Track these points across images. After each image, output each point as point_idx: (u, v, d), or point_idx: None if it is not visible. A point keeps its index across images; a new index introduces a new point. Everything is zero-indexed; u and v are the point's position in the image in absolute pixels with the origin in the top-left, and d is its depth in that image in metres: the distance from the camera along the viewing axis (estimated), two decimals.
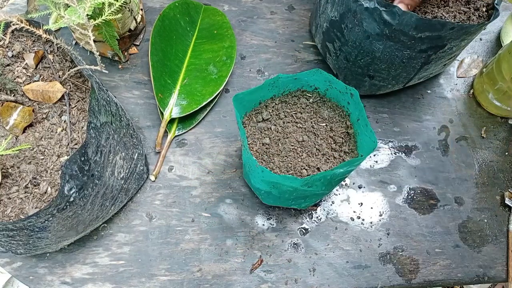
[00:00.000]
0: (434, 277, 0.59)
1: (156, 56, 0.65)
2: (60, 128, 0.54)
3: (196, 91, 0.65)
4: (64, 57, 0.56)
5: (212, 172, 0.63)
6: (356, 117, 0.51)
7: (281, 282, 0.58)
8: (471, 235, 0.63)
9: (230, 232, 0.60)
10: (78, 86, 0.56)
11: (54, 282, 0.56)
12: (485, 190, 0.66)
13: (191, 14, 0.71)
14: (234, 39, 0.70)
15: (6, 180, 0.50)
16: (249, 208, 0.61)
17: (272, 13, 0.77)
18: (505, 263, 0.61)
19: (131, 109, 0.67)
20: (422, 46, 0.55)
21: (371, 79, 0.64)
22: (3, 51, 0.54)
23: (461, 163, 0.67)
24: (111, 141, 0.50)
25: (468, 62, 0.75)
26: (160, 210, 0.60)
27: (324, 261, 0.59)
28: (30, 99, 0.54)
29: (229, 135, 0.66)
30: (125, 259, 0.57)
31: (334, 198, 0.63)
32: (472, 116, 0.71)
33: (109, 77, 0.69)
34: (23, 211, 0.49)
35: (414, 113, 0.70)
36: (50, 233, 0.46)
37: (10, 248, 0.48)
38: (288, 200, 0.54)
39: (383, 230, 0.62)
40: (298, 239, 0.60)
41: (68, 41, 0.70)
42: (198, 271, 0.57)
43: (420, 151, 0.67)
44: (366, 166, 0.66)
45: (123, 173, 0.54)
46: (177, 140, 0.65)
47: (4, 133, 0.53)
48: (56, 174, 0.51)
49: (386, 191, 0.64)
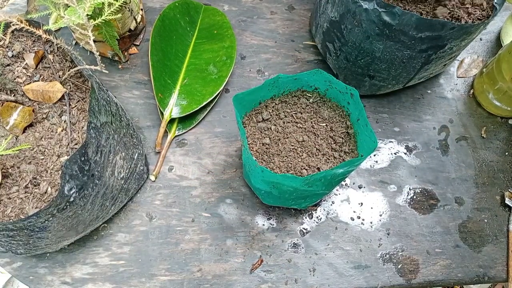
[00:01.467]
0: (434, 277, 0.59)
1: (156, 56, 0.65)
2: (60, 128, 0.54)
3: (196, 91, 0.65)
4: (64, 57, 0.56)
5: (212, 172, 0.63)
6: (356, 117, 0.51)
7: (281, 282, 0.58)
8: (471, 235, 0.63)
9: (230, 232, 0.60)
10: (78, 86, 0.56)
11: (54, 282, 0.56)
12: (485, 190, 0.66)
13: (191, 14, 0.71)
14: (234, 39, 0.70)
15: (6, 180, 0.50)
16: (249, 208, 0.61)
17: (272, 13, 0.77)
18: (505, 263, 0.61)
19: (131, 109, 0.67)
20: (422, 46, 0.55)
21: (371, 79, 0.64)
22: (3, 51, 0.54)
23: (461, 163, 0.67)
24: (111, 141, 0.50)
25: (468, 62, 0.75)
26: (160, 210, 0.60)
27: (324, 261, 0.59)
28: (30, 99, 0.54)
29: (229, 135, 0.66)
30: (125, 259, 0.57)
31: (334, 198, 0.63)
32: (472, 116, 0.71)
33: (109, 77, 0.69)
34: (23, 211, 0.49)
35: (414, 113, 0.70)
36: (50, 233, 0.46)
37: (10, 248, 0.48)
38: (288, 200, 0.54)
39: (383, 230, 0.62)
40: (298, 239, 0.60)
41: (68, 41, 0.70)
42: (198, 271, 0.57)
43: (420, 151, 0.67)
44: (366, 166, 0.66)
45: (123, 173, 0.54)
46: (177, 140, 0.65)
47: (4, 133, 0.53)
48: (56, 174, 0.51)
49: (386, 191, 0.64)
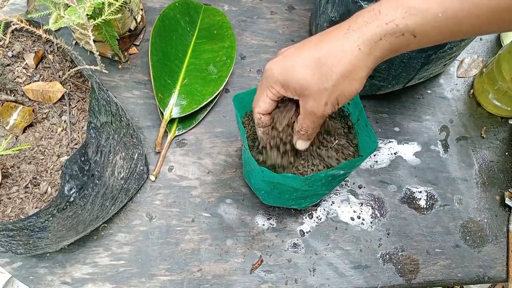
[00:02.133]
0: (434, 277, 0.59)
1: (156, 56, 0.65)
2: (60, 128, 0.54)
3: (196, 91, 0.65)
4: (64, 57, 0.56)
5: (212, 172, 0.63)
6: (356, 117, 0.51)
7: (281, 282, 0.58)
8: (471, 235, 0.63)
9: (230, 232, 0.60)
10: (78, 86, 0.56)
11: (54, 282, 0.56)
12: (485, 190, 0.66)
13: (191, 14, 0.71)
14: (234, 39, 0.70)
15: (6, 180, 0.50)
16: (249, 208, 0.61)
17: (272, 13, 0.77)
18: (505, 263, 0.61)
19: (131, 109, 0.67)
20: None
21: (371, 79, 0.64)
22: (3, 51, 0.54)
23: (461, 163, 0.67)
24: (111, 141, 0.50)
25: (468, 62, 0.75)
26: (160, 210, 0.60)
27: (324, 261, 0.59)
28: (30, 99, 0.54)
29: (229, 135, 0.66)
30: (125, 259, 0.57)
31: (334, 198, 0.63)
32: (472, 116, 0.71)
33: (109, 77, 0.68)
34: (23, 211, 0.49)
35: (414, 113, 0.70)
36: (50, 233, 0.46)
37: (10, 248, 0.48)
38: (288, 200, 0.54)
39: (383, 230, 0.62)
40: (298, 239, 0.60)
41: (68, 41, 0.70)
42: (198, 271, 0.57)
43: (420, 151, 0.67)
44: (366, 166, 0.66)
45: (123, 173, 0.54)
46: (177, 140, 0.65)
47: (4, 133, 0.53)
48: (56, 174, 0.51)
49: (386, 191, 0.64)
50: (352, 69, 0.36)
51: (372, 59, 0.36)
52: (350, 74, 0.37)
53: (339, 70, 0.36)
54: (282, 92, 0.40)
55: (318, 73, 0.37)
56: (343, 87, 0.37)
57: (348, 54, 0.36)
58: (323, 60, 0.37)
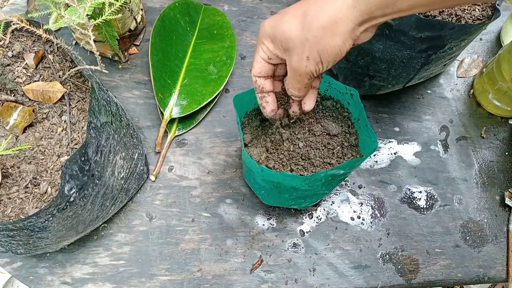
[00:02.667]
0: (434, 277, 0.59)
1: (156, 56, 0.65)
2: (60, 128, 0.54)
3: (196, 91, 0.65)
4: (64, 57, 0.56)
5: (212, 172, 0.63)
6: (356, 117, 0.51)
7: (281, 282, 0.58)
8: (471, 235, 0.63)
9: (230, 232, 0.60)
10: (78, 86, 0.56)
11: (54, 282, 0.56)
12: (485, 190, 0.66)
13: (191, 14, 0.71)
14: (234, 39, 0.70)
15: (6, 180, 0.50)
16: (249, 208, 0.61)
17: (272, 13, 0.77)
18: (505, 263, 0.61)
19: (131, 109, 0.67)
20: (422, 46, 0.55)
21: (371, 79, 0.64)
22: (3, 51, 0.54)
23: (461, 163, 0.67)
24: (111, 141, 0.50)
25: (468, 62, 0.75)
26: (160, 210, 0.60)
27: (324, 261, 0.59)
28: (30, 99, 0.54)
29: (229, 135, 0.66)
30: (125, 259, 0.57)
31: (334, 198, 0.63)
32: (472, 116, 0.71)
33: (109, 77, 0.69)
34: (23, 211, 0.49)
35: (414, 113, 0.70)
36: (50, 233, 0.46)
37: (10, 248, 0.48)
38: (288, 200, 0.54)
39: (383, 230, 0.62)
40: (298, 239, 0.60)
41: (68, 41, 0.70)
42: (198, 271, 0.57)
43: (420, 151, 0.67)
44: (366, 166, 0.66)
45: (123, 173, 0.54)
46: (177, 140, 0.65)
47: (4, 133, 0.53)
48: (56, 174, 0.51)
49: (386, 191, 0.64)
50: (334, 21, 0.35)
51: (356, 13, 0.35)
52: (332, 26, 0.35)
53: (320, 20, 0.36)
54: (271, 48, 0.41)
55: (301, 23, 0.37)
56: (325, 41, 0.36)
57: (332, 4, 0.35)
58: (307, 11, 0.37)
